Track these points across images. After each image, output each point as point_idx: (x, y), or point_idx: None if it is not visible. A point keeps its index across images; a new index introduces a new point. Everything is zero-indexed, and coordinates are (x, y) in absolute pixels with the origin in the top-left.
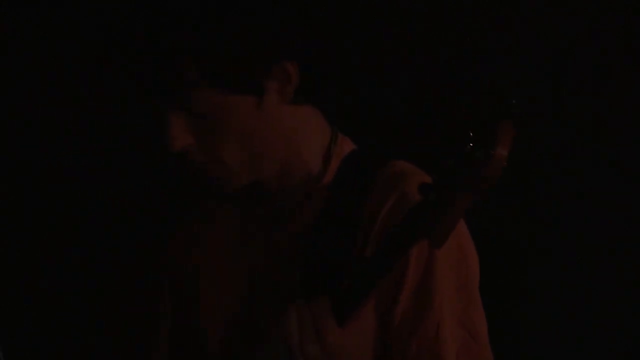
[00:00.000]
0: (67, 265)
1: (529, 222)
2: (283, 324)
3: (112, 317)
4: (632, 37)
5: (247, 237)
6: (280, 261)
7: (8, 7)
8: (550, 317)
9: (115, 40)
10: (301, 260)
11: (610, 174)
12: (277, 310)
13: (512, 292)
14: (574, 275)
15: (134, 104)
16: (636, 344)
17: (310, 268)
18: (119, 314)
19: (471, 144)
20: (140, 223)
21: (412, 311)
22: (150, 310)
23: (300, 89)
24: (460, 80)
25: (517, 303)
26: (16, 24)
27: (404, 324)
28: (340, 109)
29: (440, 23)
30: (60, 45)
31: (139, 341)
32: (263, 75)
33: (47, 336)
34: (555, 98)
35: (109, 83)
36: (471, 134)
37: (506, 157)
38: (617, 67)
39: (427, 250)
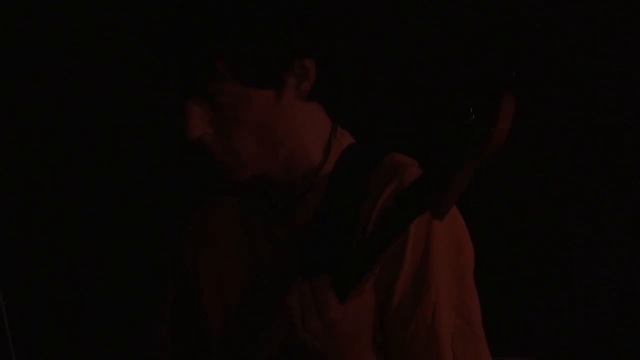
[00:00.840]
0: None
1: (531, 218)
2: (285, 301)
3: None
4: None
5: (251, 229)
6: (283, 252)
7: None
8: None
9: (148, 33)
10: (303, 251)
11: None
12: (279, 298)
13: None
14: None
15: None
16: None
17: (312, 258)
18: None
19: (473, 119)
20: (148, 217)
21: (409, 296)
22: (156, 300)
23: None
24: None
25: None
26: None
27: (401, 308)
28: (339, 103)
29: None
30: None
31: (145, 329)
32: (284, 70)
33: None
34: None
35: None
36: (472, 109)
37: (508, 131)
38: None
39: (424, 237)
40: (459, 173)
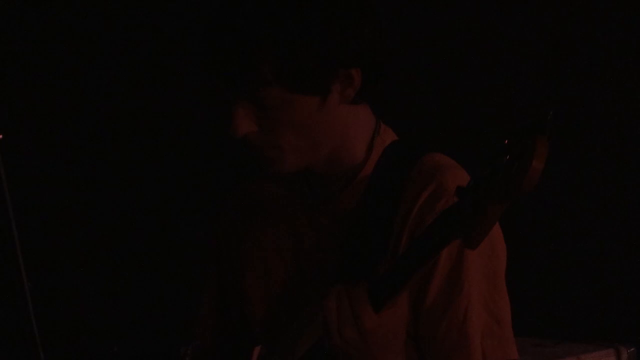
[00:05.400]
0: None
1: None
2: (323, 308)
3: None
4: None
5: (294, 218)
6: (324, 240)
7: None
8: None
9: (203, 39)
10: (342, 243)
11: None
12: (317, 291)
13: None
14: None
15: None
16: None
17: (350, 251)
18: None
19: (508, 156)
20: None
21: (442, 295)
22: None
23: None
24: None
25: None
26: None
27: (434, 306)
28: (384, 101)
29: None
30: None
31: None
32: (330, 79)
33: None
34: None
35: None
36: (508, 147)
37: (541, 170)
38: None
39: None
40: (491, 208)
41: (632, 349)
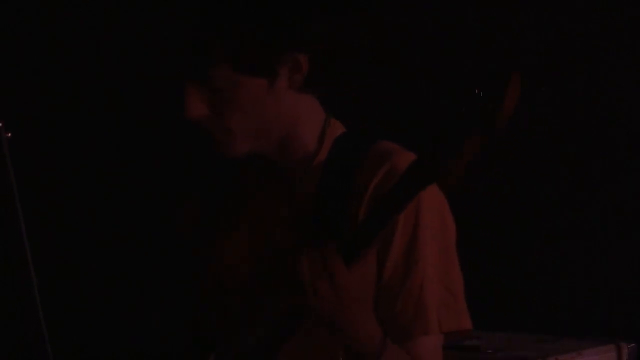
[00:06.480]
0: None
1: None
2: (296, 268)
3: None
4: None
5: (265, 209)
6: (286, 227)
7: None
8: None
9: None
10: (303, 226)
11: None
12: (283, 271)
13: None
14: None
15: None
16: None
17: (311, 232)
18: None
19: (481, 94)
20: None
21: (399, 269)
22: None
23: (306, 79)
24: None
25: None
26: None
27: (391, 282)
28: (334, 92)
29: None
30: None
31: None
32: (277, 63)
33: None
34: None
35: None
36: (480, 86)
37: (513, 107)
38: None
39: (413, 214)
40: (465, 145)
41: (632, 345)
